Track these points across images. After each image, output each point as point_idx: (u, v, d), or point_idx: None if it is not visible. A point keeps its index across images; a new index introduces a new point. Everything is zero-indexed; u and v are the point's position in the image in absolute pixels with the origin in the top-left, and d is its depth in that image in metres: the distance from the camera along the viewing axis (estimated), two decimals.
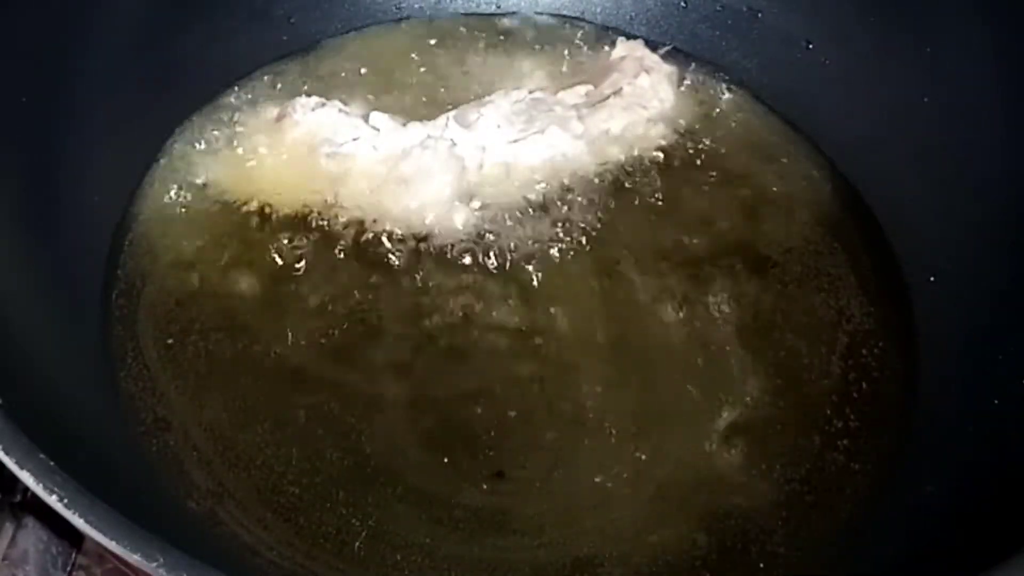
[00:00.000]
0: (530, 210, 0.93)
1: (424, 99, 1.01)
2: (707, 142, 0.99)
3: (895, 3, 0.97)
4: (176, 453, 0.77)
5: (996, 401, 0.78)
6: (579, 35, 1.07)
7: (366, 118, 0.96)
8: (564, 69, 1.04)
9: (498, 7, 1.10)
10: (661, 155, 0.97)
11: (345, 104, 0.98)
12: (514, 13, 1.09)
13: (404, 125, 0.95)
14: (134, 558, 0.55)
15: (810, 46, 1.03)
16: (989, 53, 0.89)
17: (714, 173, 0.97)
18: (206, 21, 0.99)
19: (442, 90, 1.02)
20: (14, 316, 0.74)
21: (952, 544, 0.69)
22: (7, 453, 0.58)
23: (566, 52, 1.06)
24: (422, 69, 1.04)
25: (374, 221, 0.90)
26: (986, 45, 0.89)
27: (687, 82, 1.03)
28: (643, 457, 0.79)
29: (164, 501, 0.75)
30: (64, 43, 0.86)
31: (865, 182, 0.96)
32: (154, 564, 0.55)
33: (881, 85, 0.97)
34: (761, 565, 0.75)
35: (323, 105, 0.96)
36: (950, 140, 0.91)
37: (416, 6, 1.09)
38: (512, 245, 0.90)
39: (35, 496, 0.58)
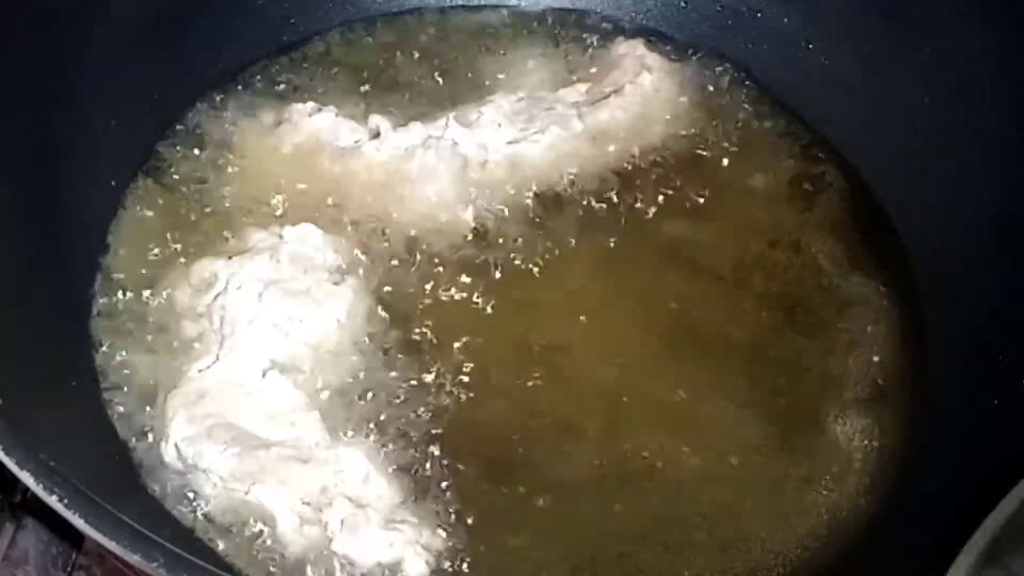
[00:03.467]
0: (533, 208, 0.92)
1: (423, 98, 1.01)
2: (708, 140, 0.98)
3: (894, 4, 0.97)
4: (165, 460, 0.77)
5: (996, 401, 0.78)
6: (578, 34, 1.07)
7: (366, 120, 0.96)
8: (564, 67, 1.04)
9: (498, 3, 1.10)
10: (662, 153, 0.97)
11: (343, 106, 0.97)
12: (513, 10, 1.09)
13: (405, 125, 0.95)
14: (134, 558, 0.55)
15: (811, 46, 1.03)
16: (988, 52, 0.89)
17: (715, 171, 0.97)
18: (202, 22, 0.99)
19: (441, 89, 1.02)
20: (14, 317, 0.74)
21: (953, 542, 0.69)
22: (8, 454, 0.58)
23: (566, 50, 1.05)
24: (420, 68, 1.03)
25: (380, 222, 0.90)
26: (985, 45, 0.89)
27: (688, 81, 1.03)
28: (647, 455, 0.79)
29: (155, 505, 0.75)
30: (63, 41, 0.86)
31: (868, 179, 0.96)
32: (154, 564, 0.55)
33: (881, 85, 0.97)
34: (762, 563, 0.75)
35: (320, 110, 0.95)
36: (951, 138, 0.91)
37: (414, 2, 1.09)
38: (516, 242, 0.90)
39: (35, 496, 0.58)
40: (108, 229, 0.89)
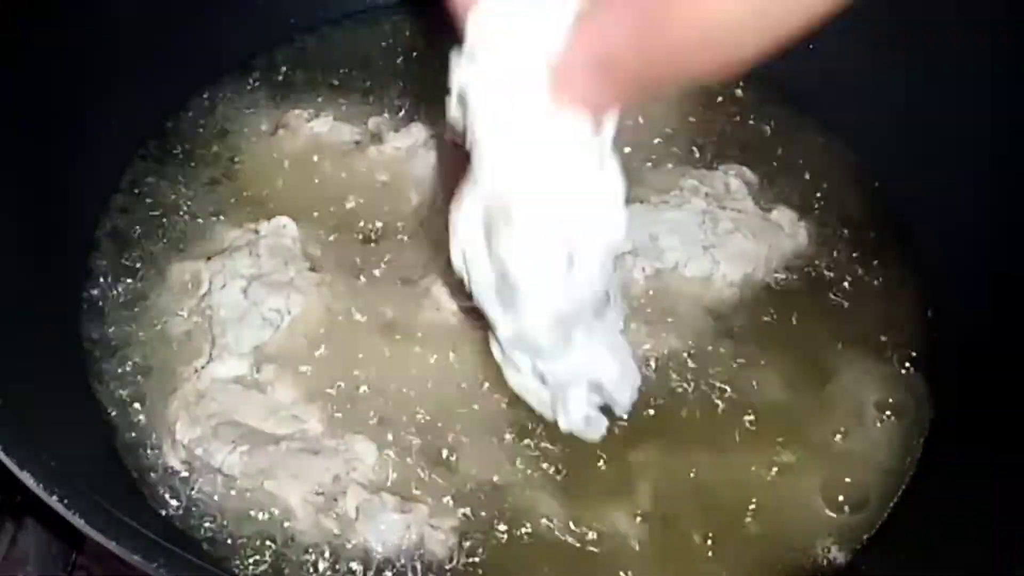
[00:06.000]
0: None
1: (424, 98, 0.99)
2: (713, 140, 0.97)
3: (894, 6, 0.97)
4: (169, 462, 0.77)
5: (1000, 403, 0.78)
6: None
7: (366, 121, 0.96)
8: None
9: None
10: (666, 147, 0.96)
11: (343, 107, 0.97)
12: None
13: (406, 126, 0.95)
14: (135, 559, 0.55)
15: (811, 46, 1.02)
16: (990, 52, 0.89)
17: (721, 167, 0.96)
18: (198, 22, 0.98)
19: (442, 88, 1.01)
20: (9, 318, 0.74)
21: (965, 547, 0.70)
22: (8, 454, 0.58)
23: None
24: (420, 67, 1.03)
25: (385, 224, 0.89)
26: (987, 44, 0.89)
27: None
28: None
29: (157, 507, 0.75)
30: (58, 45, 0.85)
31: (874, 176, 0.96)
32: (155, 565, 0.55)
33: (883, 84, 0.97)
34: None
35: (318, 116, 0.95)
36: (954, 136, 0.91)
37: None
38: None
39: (35, 496, 0.58)
40: (99, 231, 0.89)
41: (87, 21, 0.88)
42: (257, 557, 0.73)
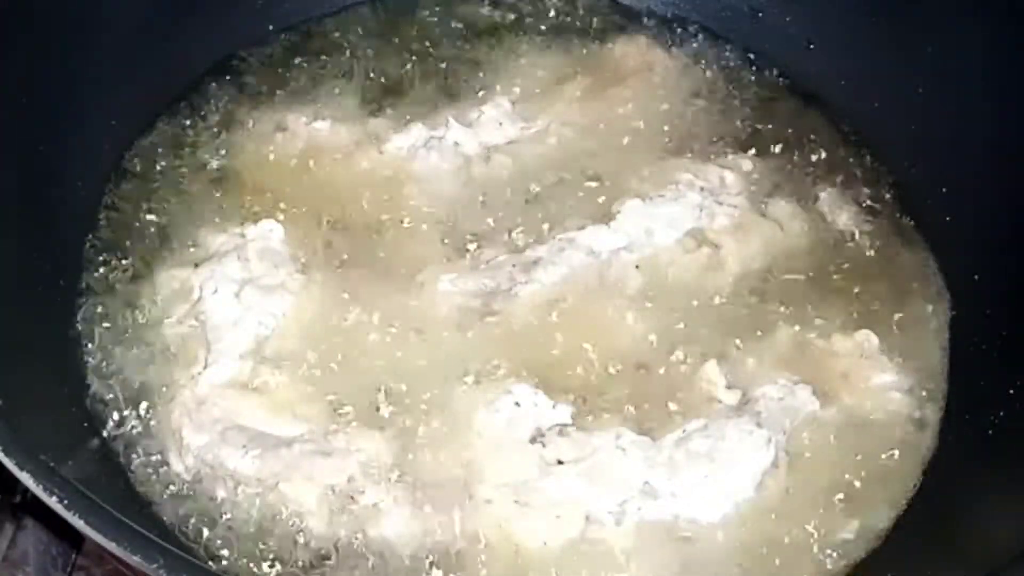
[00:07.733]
0: (538, 201, 0.92)
1: (423, 98, 0.99)
2: (709, 132, 0.97)
3: (895, 4, 0.97)
4: (175, 469, 0.77)
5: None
6: (580, 30, 1.06)
7: (366, 123, 0.96)
8: (565, 64, 1.02)
9: None
10: (662, 138, 0.96)
11: (343, 108, 0.97)
12: (514, 4, 1.08)
13: (406, 127, 0.95)
14: (134, 559, 0.55)
15: (811, 46, 1.03)
16: (987, 50, 0.89)
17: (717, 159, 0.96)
18: (195, 20, 0.98)
19: (441, 89, 1.01)
20: (10, 324, 0.74)
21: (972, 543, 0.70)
22: (7, 454, 0.58)
23: (567, 47, 1.04)
24: (420, 67, 1.02)
25: (384, 223, 0.89)
26: (984, 43, 0.90)
27: (690, 78, 1.02)
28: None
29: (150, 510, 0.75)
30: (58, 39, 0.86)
31: (871, 163, 0.97)
32: (154, 565, 0.55)
33: (882, 84, 0.98)
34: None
35: (316, 118, 0.95)
36: (954, 134, 0.92)
37: None
38: (522, 234, 0.89)
39: (35, 497, 0.58)
40: (94, 236, 0.89)
41: (78, 24, 0.88)
42: (273, 557, 0.73)
